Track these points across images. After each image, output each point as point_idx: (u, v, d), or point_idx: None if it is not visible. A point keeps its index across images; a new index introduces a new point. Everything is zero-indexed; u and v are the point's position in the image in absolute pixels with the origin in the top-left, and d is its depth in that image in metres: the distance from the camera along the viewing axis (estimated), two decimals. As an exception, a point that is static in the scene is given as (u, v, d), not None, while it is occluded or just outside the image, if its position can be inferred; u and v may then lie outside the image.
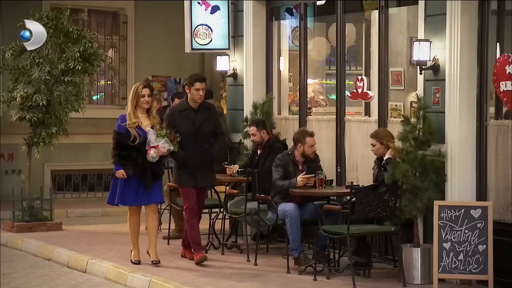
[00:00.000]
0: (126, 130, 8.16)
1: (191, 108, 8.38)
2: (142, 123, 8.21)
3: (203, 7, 10.24)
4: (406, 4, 8.72)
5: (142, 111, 8.27)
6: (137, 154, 8.15)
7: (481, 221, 7.26)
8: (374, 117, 8.85)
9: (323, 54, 10.76)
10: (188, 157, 8.27)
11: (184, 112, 8.36)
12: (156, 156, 8.13)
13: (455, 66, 7.63)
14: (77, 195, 13.62)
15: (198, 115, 8.35)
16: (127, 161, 8.15)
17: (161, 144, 8.07)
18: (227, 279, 7.86)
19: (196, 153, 8.29)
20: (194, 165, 8.29)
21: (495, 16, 7.65)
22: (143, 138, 8.14)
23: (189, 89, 8.37)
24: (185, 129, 8.28)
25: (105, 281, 8.28)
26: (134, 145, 8.13)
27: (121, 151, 8.20)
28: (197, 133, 8.30)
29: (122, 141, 8.19)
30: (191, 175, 8.31)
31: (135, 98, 8.23)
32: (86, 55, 10.39)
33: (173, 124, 8.28)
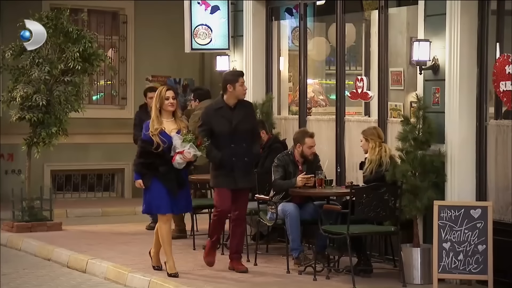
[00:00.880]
0: (150, 138, 7.77)
1: (228, 106, 7.94)
2: (167, 128, 7.78)
3: (203, 7, 10.24)
4: (406, 4, 8.72)
5: (168, 115, 7.84)
6: (160, 161, 7.75)
7: (481, 221, 7.26)
8: (374, 117, 8.85)
9: (323, 54, 10.76)
10: (225, 158, 7.84)
11: (220, 111, 7.93)
12: (182, 163, 7.69)
13: (455, 66, 7.63)
14: (76, 195, 13.63)
15: (235, 114, 7.91)
16: (148, 170, 7.76)
17: (187, 150, 7.63)
18: (227, 279, 7.86)
19: (234, 153, 7.85)
20: (232, 166, 7.85)
21: (494, 16, 7.65)
22: (168, 145, 7.72)
23: (232, 86, 7.89)
24: (221, 129, 7.87)
25: (105, 281, 8.28)
26: (157, 153, 7.73)
27: (145, 159, 7.80)
28: (234, 133, 7.86)
29: (146, 149, 7.79)
30: (229, 176, 7.87)
31: (159, 102, 7.80)
32: (85, 55, 10.39)
33: (209, 124, 7.91)
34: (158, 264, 8.10)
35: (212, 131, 7.88)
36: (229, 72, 8.32)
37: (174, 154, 7.69)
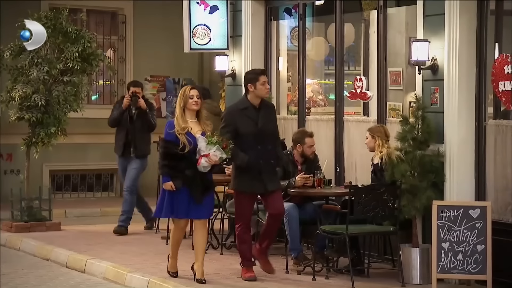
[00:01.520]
0: (175, 138, 7.39)
1: (252, 106, 7.58)
2: (192, 129, 7.44)
3: (202, 7, 10.24)
4: (405, 4, 8.72)
5: (192, 116, 7.51)
6: (186, 164, 7.38)
7: (479, 221, 7.27)
8: (373, 117, 8.85)
9: (322, 54, 10.76)
10: (252, 160, 7.47)
11: (245, 111, 7.56)
12: (207, 166, 7.36)
13: (454, 66, 7.63)
14: (75, 195, 13.62)
15: (260, 114, 7.57)
16: (176, 172, 7.41)
17: (212, 152, 7.29)
18: (226, 279, 7.86)
19: (260, 155, 7.48)
20: (258, 168, 7.47)
21: (493, 16, 7.66)
22: (193, 146, 7.38)
23: (253, 85, 7.57)
24: (247, 129, 7.50)
25: (104, 281, 8.28)
26: (183, 154, 7.35)
27: (169, 161, 7.42)
28: (259, 134, 7.51)
29: (170, 150, 7.40)
30: (256, 180, 7.48)
31: (182, 101, 7.48)
32: (84, 55, 10.39)
33: (233, 124, 7.54)
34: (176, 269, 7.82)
35: (237, 132, 7.53)
36: (250, 70, 8.02)
37: (199, 157, 7.36)
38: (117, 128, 10.36)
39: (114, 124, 10.36)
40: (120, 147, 10.32)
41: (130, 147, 10.25)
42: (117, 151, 10.41)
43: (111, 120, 10.37)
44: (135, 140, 10.25)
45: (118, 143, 10.38)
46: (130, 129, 10.22)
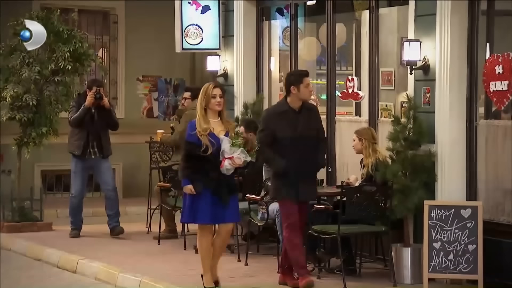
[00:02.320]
0: (197, 139, 7.01)
1: (292, 109, 7.21)
2: (215, 129, 7.07)
3: (194, 7, 10.23)
4: (396, 4, 8.74)
5: (214, 115, 7.10)
6: (210, 166, 7.02)
7: (471, 221, 7.28)
8: (364, 117, 8.86)
9: (314, 54, 10.76)
10: (289, 166, 7.13)
11: (283, 114, 7.19)
12: (231, 169, 7.02)
13: (445, 66, 7.65)
14: (67, 195, 13.54)
15: (300, 117, 7.20)
16: (198, 175, 7.04)
17: (237, 155, 6.95)
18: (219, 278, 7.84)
19: (299, 161, 7.13)
20: (296, 175, 7.15)
21: (484, 16, 7.68)
22: (216, 147, 7.02)
23: (296, 87, 7.19)
24: (285, 134, 7.14)
25: (95, 281, 8.27)
26: (206, 156, 7.00)
27: (192, 164, 7.06)
28: (299, 138, 7.14)
29: (192, 152, 7.04)
30: (291, 187, 7.19)
31: (204, 100, 7.07)
32: (76, 55, 10.37)
33: (271, 128, 7.18)
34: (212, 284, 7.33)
35: (275, 136, 7.19)
36: (293, 72, 7.59)
37: (223, 159, 7.01)
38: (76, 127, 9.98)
39: (78, 124, 9.91)
40: (79, 147, 9.91)
41: (93, 148, 9.90)
42: (76, 150, 9.94)
43: (76, 120, 9.90)
44: (101, 141, 9.95)
45: (77, 143, 9.93)
46: (92, 129, 9.89)
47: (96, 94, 9.88)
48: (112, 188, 10.13)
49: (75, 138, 9.99)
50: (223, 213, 7.09)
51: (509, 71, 7.16)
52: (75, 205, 10.11)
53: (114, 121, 10.06)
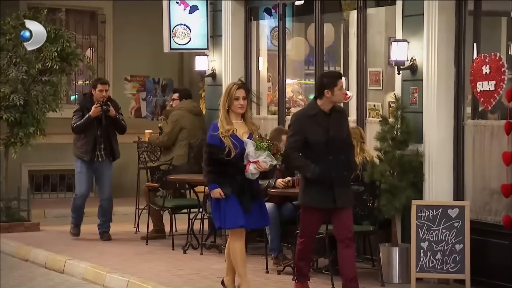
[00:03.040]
0: (220, 141, 6.70)
1: (323, 112, 6.85)
2: (238, 130, 6.75)
3: (182, 7, 10.22)
4: (384, 4, 8.76)
5: (237, 117, 6.79)
6: (234, 169, 6.70)
7: (458, 221, 7.30)
8: (352, 117, 8.88)
9: (302, 54, 10.78)
10: (323, 173, 6.77)
11: (315, 118, 6.82)
12: (256, 173, 6.71)
13: (433, 66, 7.67)
14: (54, 196, 13.55)
15: (331, 121, 6.84)
16: (223, 179, 6.72)
17: (263, 159, 6.64)
18: (206, 279, 7.85)
19: (332, 166, 6.77)
20: (331, 181, 6.79)
21: (471, 16, 7.70)
22: (240, 150, 6.70)
23: (330, 90, 6.80)
24: (317, 138, 6.77)
25: (83, 281, 8.25)
26: (229, 159, 6.69)
27: (215, 167, 6.73)
28: (331, 142, 6.79)
29: (215, 155, 6.70)
30: (326, 194, 6.79)
31: (227, 101, 6.75)
32: (63, 54, 10.34)
33: (303, 133, 6.80)
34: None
35: (306, 141, 6.81)
36: (326, 74, 7.22)
37: (247, 162, 6.68)
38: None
39: (81, 131, 9.72)
40: (87, 152, 9.71)
41: (100, 151, 9.71)
42: (84, 156, 9.74)
43: (79, 128, 9.68)
44: (112, 144, 9.80)
45: (84, 148, 9.72)
46: (100, 134, 9.68)
47: (103, 106, 9.64)
48: (107, 197, 9.92)
49: (81, 143, 9.77)
50: (251, 218, 6.79)
51: (496, 71, 7.18)
52: (78, 205, 9.94)
53: (121, 127, 9.88)
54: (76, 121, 9.70)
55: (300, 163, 6.85)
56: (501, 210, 7.32)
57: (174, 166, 9.77)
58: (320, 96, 6.87)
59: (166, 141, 10.13)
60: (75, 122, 9.71)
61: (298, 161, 6.85)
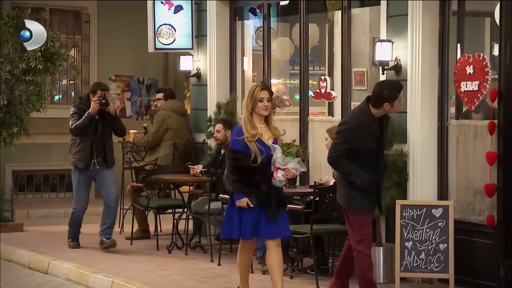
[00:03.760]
0: (245, 147, 6.35)
1: (376, 119, 6.62)
2: (262, 135, 6.42)
3: (166, 7, 10.21)
4: (368, 4, 8.78)
5: (260, 120, 6.45)
6: (260, 177, 6.36)
7: (442, 220, 7.33)
8: (337, 117, 8.90)
9: (287, 54, 10.79)
10: (372, 179, 6.61)
11: (369, 127, 6.59)
12: (283, 180, 6.40)
13: (417, 66, 7.70)
14: (39, 196, 13.49)
15: (382, 129, 6.68)
16: (250, 189, 6.35)
17: (292, 166, 6.33)
18: (191, 279, 7.85)
19: (378, 173, 6.66)
20: (378, 188, 6.69)
21: (455, 17, 7.73)
22: (266, 156, 6.36)
23: (390, 104, 6.59)
24: (370, 148, 6.58)
25: (67, 282, 8.22)
26: (255, 166, 6.34)
27: (241, 175, 6.37)
28: (380, 151, 6.68)
29: (240, 162, 6.34)
30: (373, 199, 6.69)
31: (250, 103, 6.43)
32: (47, 54, 10.28)
33: (354, 142, 6.56)
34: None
35: (355, 149, 6.58)
36: (387, 85, 6.79)
37: (274, 169, 6.35)
38: (80, 137, 9.14)
39: (80, 132, 9.09)
40: (83, 159, 9.08)
41: (96, 158, 9.08)
42: (79, 163, 9.11)
43: (78, 128, 9.06)
44: (106, 150, 9.14)
45: (80, 154, 9.10)
46: (96, 138, 9.10)
47: (101, 100, 9.04)
48: (114, 198, 9.25)
49: (77, 149, 9.14)
50: (271, 227, 6.45)
51: (479, 71, 7.22)
52: (76, 220, 9.32)
53: (121, 127, 9.29)
54: (74, 122, 9.13)
55: (349, 169, 6.61)
56: (484, 210, 7.36)
57: (159, 166, 9.75)
58: (377, 107, 6.62)
59: (151, 141, 10.11)
60: (73, 123, 9.13)
61: (346, 167, 6.62)
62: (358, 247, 6.67)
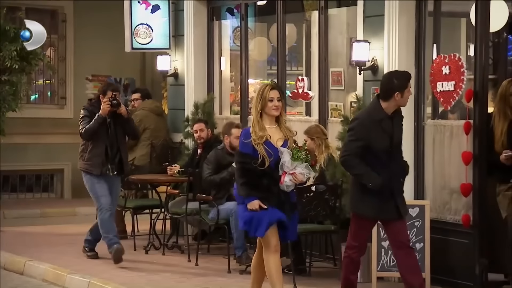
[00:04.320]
0: (252, 149, 6.12)
1: (387, 116, 6.33)
2: (272, 136, 6.18)
3: (143, 6, 10.18)
4: (345, 5, 8.80)
5: (271, 121, 6.20)
6: (269, 180, 6.13)
7: (418, 220, 7.36)
8: (314, 117, 8.92)
9: (264, 54, 10.80)
10: (385, 182, 6.30)
11: (381, 123, 6.31)
12: (291, 185, 6.13)
13: (393, 66, 7.73)
14: (14, 196, 13.39)
15: (394, 126, 6.37)
16: (260, 192, 6.13)
17: (300, 171, 6.08)
18: (168, 279, 7.83)
19: (392, 174, 6.33)
20: (392, 190, 6.33)
21: (431, 17, 7.78)
22: (275, 159, 6.13)
23: (400, 93, 6.30)
24: (381, 145, 6.29)
25: (43, 283, 8.16)
26: (263, 169, 6.11)
27: (248, 179, 6.13)
28: (393, 149, 6.36)
29: (248, 165, 6.12)
30: (388, 204, 6.33)
31: (260, 103, 6.16)
32: (23, 54, 10.21)
33: (367, 139, 6.28)
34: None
35: (367, 147, 6.30)
36: (396, 74, 6.57)
37: (282, 173, 6.11)
38: (92, 142, 8.42)
39: (91, 136, 8.34)
40: (98, 165, 8.35)
41: (112, 164, 8.39)
42: (94, 169, 8.39)
43: (89, 131, 8.31)
44: (121, 155, 8.44)
45: (94, 160, 8.38)
46: (109, 142, 8.39)
47: (113, 101, 8.30)
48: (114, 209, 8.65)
49: (89, 155, 8.40)
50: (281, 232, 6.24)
51: (455, 71, 7.26)
52: (106, 220, 8.43)
53: (133, 130, 8.61)
54: (85, 126, 8.36)
55: (360, 171, 6.33)
56: (460, 209, 7.41)
57: (136, 166, 9.71)
58: (387, 99, 6.32)
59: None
60: (84, 127, 8.36)
61: (358, 169, 6.33)
62: (349, 251, 6.51)
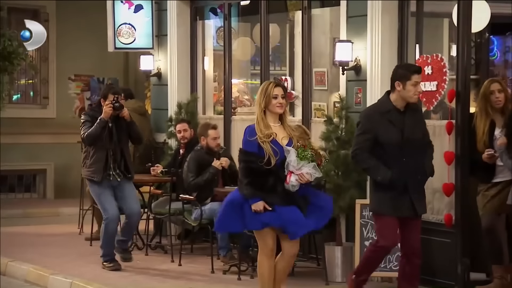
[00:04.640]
0: (258, 148, 5.96)
1: (396, 109, 6.29)
2: (277, 135, 6.06)
3: (126, 6, 10.15)
4: (328, 5, 8.82)
5: (274, 119, 6.08)
6: (274, 179, 5.96)
7: (401, 219, 7.38)
8: (298, 117, 8.93)
9: (248, 54, 10.80)
10: (396, 176, 6.22)
11: (387, 115, 6.26)
12: (296, 185, 5.96)
13: (376, 66, 7.75)
14: (-2, 197, 13.32)
15: (405, 119, 6.28)
16: (265, 193, 5.95)
17: (306, 171, 5.93)
18: (151, 280, 7.81)
19: (406, 170, 6.22)
20: (406, 186, 6.25)
21: (414, 17, 7.81)
22: (280, 158, 5.97)
23: (401, 83, 6.26)
24: (390, 138, 6.23)
25: (25, 283, 8.13)
26: (270, 168, 5.94)
27: (254, 178, 5.96)
28: (405, 143, 6.24)
29: (253, 164, 5.95)
30: (401, 200, 6.25)
31: (264, 100, 6.06)
32: (5, 53, 10.14)
33: (373, 131, 6.25)
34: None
35: (376, 141, 6.26)
36: (402, 65, 6.63)
37: (288, 173, 5.95)
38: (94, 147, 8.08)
39: (93, 141, 8.01)
40: (99, 171, 8.00)
41: (115, 170, 8.06)
42: (95, 176, 8.04)
43: (91, 136, 7.97)
44: (125, 159, 8.12)
45: (95, 166, 8.04)
46: (112, 147, 8.05)
47: (115, 104, 7.99)
48: (137, 213, 8.25)
49: (91, 161, 8.07)
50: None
51: (438, 71, 7.29)
52: (111, 232, 8.12)
53: (137, 133, 8.19)
54: (86, 130, 8.03)
55: (369, 165, 6.27)
56: (443, 209, 7.44)
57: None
58: (393, 90, 6.32)
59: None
60: (85, 132, 8.03)
61: (367, 163, 6.29)
62: (372, 247, 6.46)
